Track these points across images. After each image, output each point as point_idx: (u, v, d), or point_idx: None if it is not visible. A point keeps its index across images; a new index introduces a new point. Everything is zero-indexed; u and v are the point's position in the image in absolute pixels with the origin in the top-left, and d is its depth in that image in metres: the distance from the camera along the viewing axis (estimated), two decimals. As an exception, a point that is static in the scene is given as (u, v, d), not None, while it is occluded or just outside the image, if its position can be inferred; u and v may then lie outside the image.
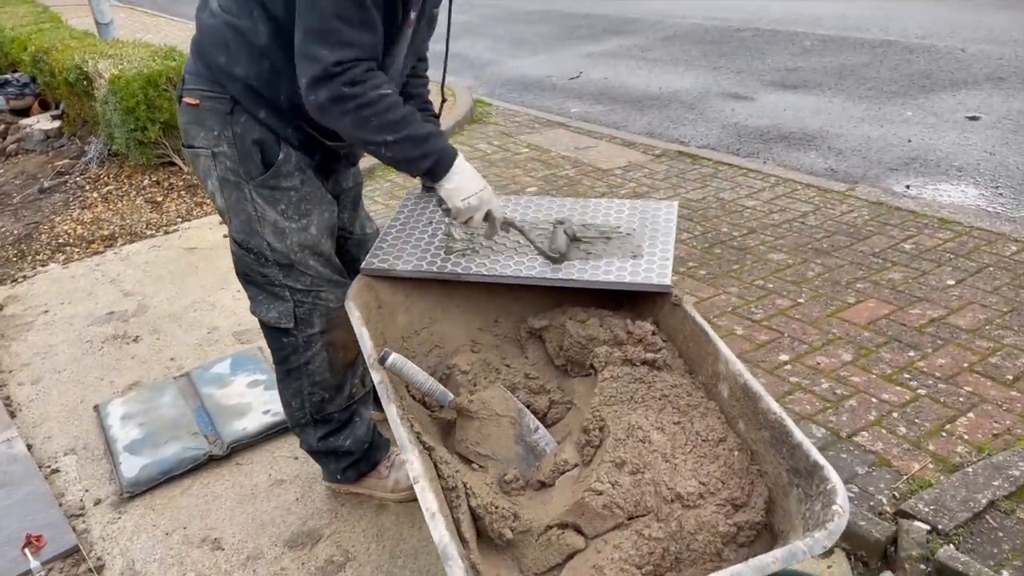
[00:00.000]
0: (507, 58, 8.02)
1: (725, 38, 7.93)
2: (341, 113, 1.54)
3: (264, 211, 1.76)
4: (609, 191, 4.27)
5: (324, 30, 1.48)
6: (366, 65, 1.53)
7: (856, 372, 2.55)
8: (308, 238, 1.81)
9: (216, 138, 1.71)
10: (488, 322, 1.96)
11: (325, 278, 1.86)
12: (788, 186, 4.15)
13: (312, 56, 1.50)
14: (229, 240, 1.87)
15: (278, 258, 1.81)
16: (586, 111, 6.04)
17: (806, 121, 5.33)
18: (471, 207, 1.69)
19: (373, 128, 1.56)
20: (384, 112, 1.55)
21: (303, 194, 1.78)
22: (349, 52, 1.50)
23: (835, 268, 3.23)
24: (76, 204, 4.58)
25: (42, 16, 7.74)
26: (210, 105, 1.70)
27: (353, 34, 1.50)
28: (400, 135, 1.57)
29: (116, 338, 3.23)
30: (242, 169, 1.73)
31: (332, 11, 1.48)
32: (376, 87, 1.54)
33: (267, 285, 1.86)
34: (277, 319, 1.89)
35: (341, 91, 1.51)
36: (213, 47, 1.68)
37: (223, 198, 1.78)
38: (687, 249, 3.51)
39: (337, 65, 1.49)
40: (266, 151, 1.72)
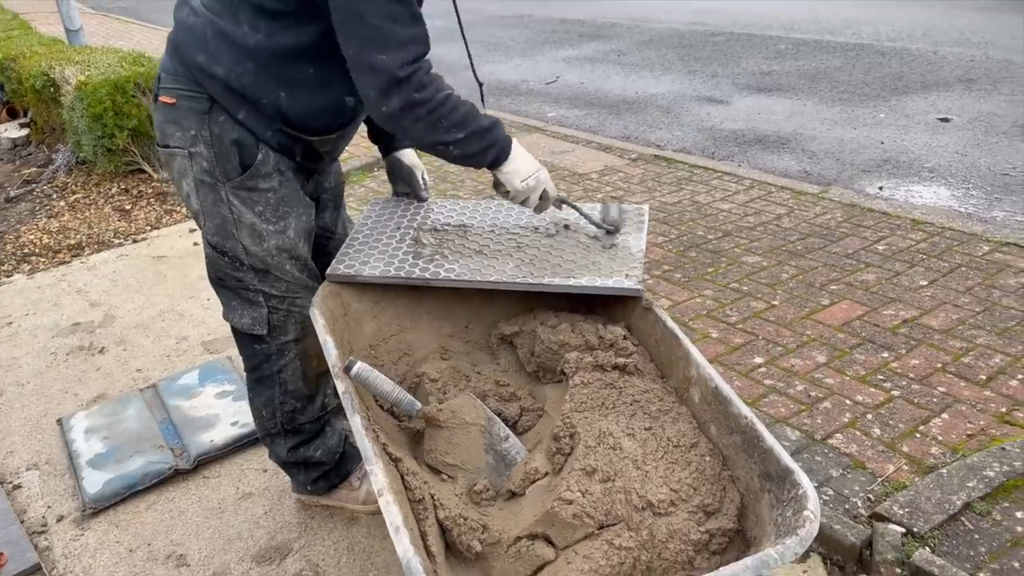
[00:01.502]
0: (483, 63, 7.99)
1: (701, 42, 7.96)
2: (414, 120, 1.53)
3: (241, 213, 1.72)
4: (585, 195, 4.25)
5: (378, 36, 1.46)
6: (427, 64, 1.52)
7: (830, 374, 2.54)
8: (286, 241, 1.77)
9: (192, 138, 1.66)
10: (459, 328, 1.93)
11: (301, 284, 1.82)
12: (763, 188, 4.15)
13: (373, 66, 1.47)
14: (203, 243, 1.82)
15: (254, 262, 1.77)
16: (563, 115, 6.03)
17: (780, 124, 5.35)
18: (529, 187, 1.70)
19: (443, 129, 1.55)
20: (451, 112, 1.54)
21: (281, 196, 1.74)
22: (409, 52, 1.48)
23: (809, 270, 3.23)
24: (43, 213, 4.50)
25: (11, 23, 7.61)
26: (187, 104, 1.65)
27: (407, 31, 1.47)
28: (468, 131, 1.58)
29: (81, 349, 3.16)
30: (219, 170, 1.68)
31: (380, 14, 1.45)
32: (440, 88, 1.53)
33: (241, 290, 1.82)
34: (250, 325, 1.84)
35: (412, 98, 1.49)
36: (192, 45, 1.64)
37: (198, 200, 1.73)
38: (662, 252, 3.50)
39: (402, 68, 1.47)
40: (244, 152, 1.68)
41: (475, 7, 11.45)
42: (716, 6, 9.82)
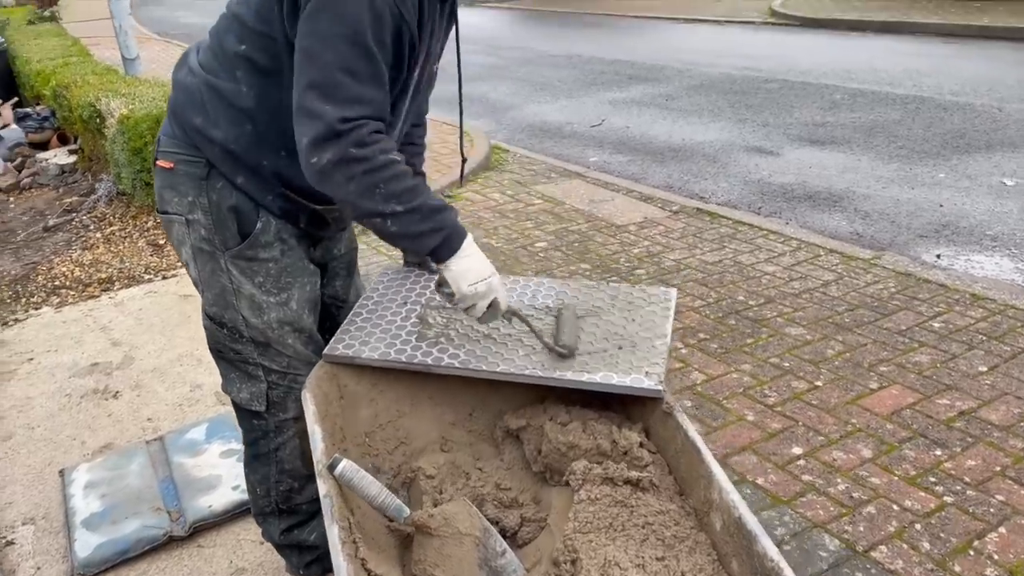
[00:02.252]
0: (529, 103, 7.93)
1: (753, 89, 7.78)
2: (346, 179, 1.37)
3: (240, 284, 1.63)
4: (622, 249, 4.10)
5: (328, 84, 1.33)
6: (374, 125, 1.37)
7: (876, 472, 2.33)
8: (288, 313, 1.67)
9: (190, 204, 1.59)
10: (462, 416, 1.78)
11: (303, 359, 1.71)
12: (810, 251, 3.94)
13: (314, 113, 1.34)
14: (201, 313, 1.72)
15: (254, 335, 1.66)
16: (605, 161, 5.90)
17: (832, 180, 5.13)
18: (478, 294, 1.52)
19: (380, 197, 1.39)
20: (393, 179, 1.38)
21: (283, 266, 1.64)
22: (356, 109, 1.35)
23: (857, 347, 3.01)
24: (78, 244, 4.50)
25: (71, 49, 7.80)
26: (184, 169, 1.58)
27: (360, 89, 1.35)
28: (410, 205, 1.40)
29: (96, 393, 3.10)
30: (217, 238, 1.60)
31: (337, 63, 1.33)
32: (385, 151, 1.38)
33: (240, 363, 1.72)
34: (248, 400, 1.73)
35: (348, 152, 1.34)
36: (189, 108, 1.57)
37: (196, 268, 1.65)
38: (699, 318, 3.31)
39: (343, 122, 1.33)
40: (243, 219, 1.59)
41: (525, 45, 11.46)
42: (770, 52, 9.64)
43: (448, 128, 6.61)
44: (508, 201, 4.95)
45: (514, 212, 4.75)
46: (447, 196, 5.04)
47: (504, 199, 5.00)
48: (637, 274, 3.80)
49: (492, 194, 5.11)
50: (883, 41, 9.88)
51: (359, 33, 1.32)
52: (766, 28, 11.73)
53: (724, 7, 13.79)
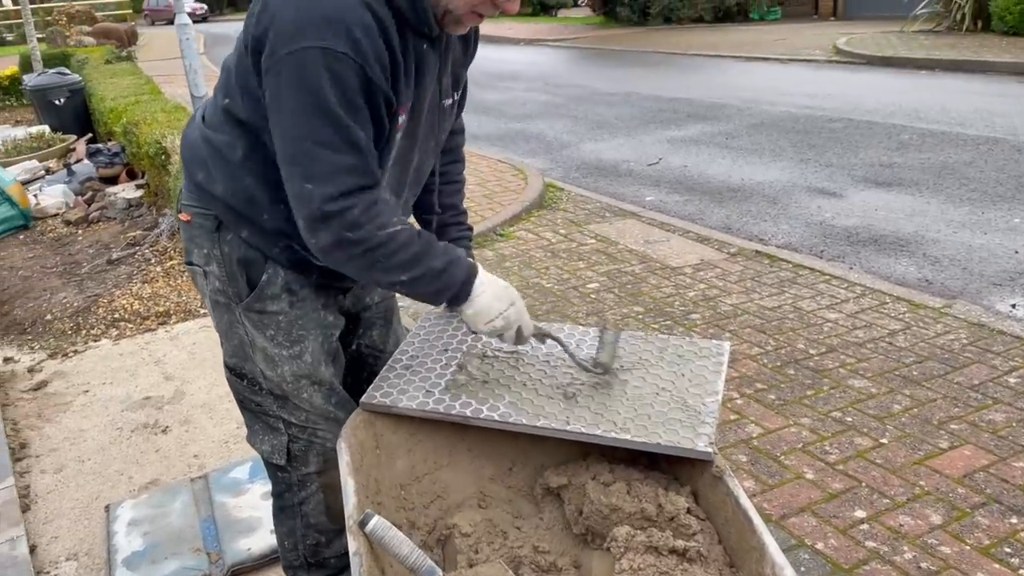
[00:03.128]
0: (585, 140, 7.91)
1: (816, 128, 7.61)
2: (346, 258, 1.38)
3: (254, 336, 1.61)
4: (676, 292, 4.00)
5: (304, 160, 1.30)
6: (365, 200, 1.33)
7: (946, 540, 2.17)
8: (302, 367, 1.63)
9: (206, 256, 1.59)
10: (502, 470, 1.71)
11: (322, 414, 1.67)
12: (876, 298, 3.78)
13: (300, 195, 1.33)
14: (223, 365, 1.71)
15: (271, 387, 1.65)
16: (661, 200, 5.81)
17: (900, 223, 4.94)
18: (496, 329, 1.53)
19: (382, 270, 1.40)
20: (393, 254, 1.38)
21: (292, 318, 1.60)
22: (340, 184, 1.30)
23: (926, 402, 2.84)
24: (139, 278, 4.61)
25: (143, 88, 8.11)
26: (199, 222, 1.59)
27: (338, 159, 1.30)
28: (415, 273, 1.41)
29: (146, 427, 3.12)
30: (231, 290, 1.59)
31: (305, 135, 1.29)
32: (382, 226, 1.35)
33: (262, 415, 1.70)
34: (270, 453, 1.71)
35: (343, 236, 1.33)
36: (194, 163, 1.56)
37: (215, 320, 1.65)
38: (756, 367, 3.18)
39: (329, 202, 1.30)
40: (251, 271, 1.57)
41: (583, 83, 11.49)
42: (834, 90, 9.45)
43: (503, 165, 6.62)
44: (561, 240, 4.90)
45: (566, 252, 4.70)
46: (499, 234, 5.02)
47: (557, 238, 4.95)
48: (692, 319, 3.69)
49: (544, 233, 5.06)
50: (953, 80, 9.60)
51: (322, 103, 1.27)
52: (830, 66, 11.53)
53: (786, 45, 13.63)
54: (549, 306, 3.94)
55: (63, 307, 4.32)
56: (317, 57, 1.25)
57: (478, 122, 9.12)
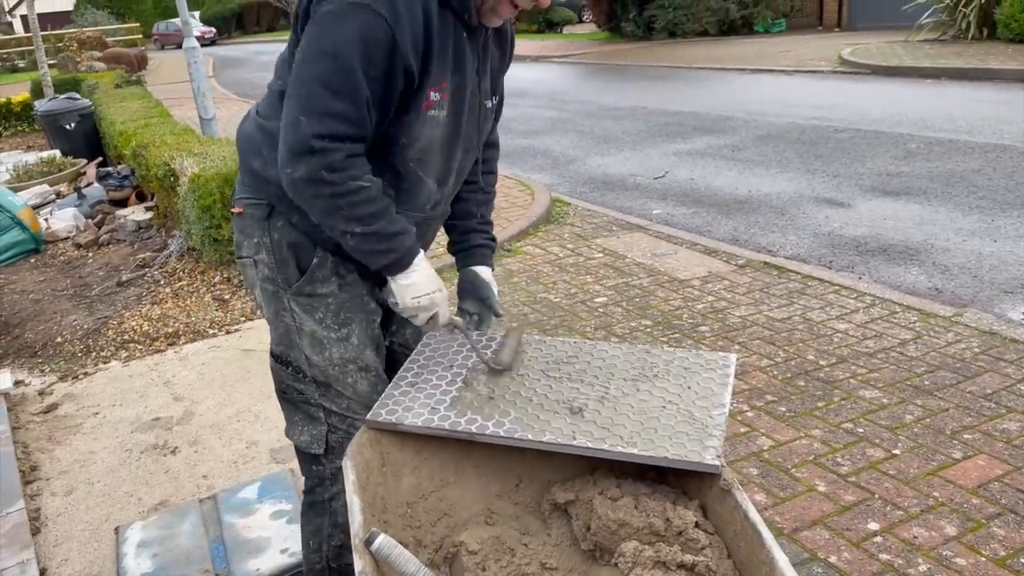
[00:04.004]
0: (592, 155, 7.92)
1: (823, 138, 7.60)
2: (314, 195, 1.47)
3: (302, 321, 1.68)
4: (685, 305, 3.98)
5: (305, 95, 1.41)
6: (348, 149, 1.44)
7: (962, 551, 2.13)
8: (349, 349, 1.70)
9: (256, 245, 1.68)
10: (509, 487, 1.70)
11: (363, 402, 1.72)
12: (886, 307, 3.75)
13: (291, 123, 1.42)
14: (268, 354, 1.78)
15: (315, 374, 1.71)
16: (669, 213, 5.80)
17: (908, 232, 4.91)
18: (420, 306, 1.63)
19: (342, 217, 1.50)
20: (358, 205, 1.48)
21: (341, 300, 1.68)
22: (331, 126, 1.41)
23: (938, 412, 2.81)
24: (148, 299, 4.63)
25: (153, 111, 8.17)
26: (251, 212, 1.68)
27: (336, 104, 1.40)
28: (369, 229, 1.51)
29: (155, 448, 3.12)
30: (280, 276, 1.67)
31: (315, 75, 1.41)
32: (355, 177, 1.46)
33: (303, 403, 1.76)
34: (308, 443, 1.76)
35: (319, 174, 1.43)
36: (249, 152, 1.68)
37: (265, 309, 1.73)
38: (766, 379, 3.16)
39: (317, 139, 1.40)
40: (301, 256, 1.66)
41: (589, 99, 11.53)
42: (840, 100, 9.44)
43: (510, 181, 6.63)
44: (568, 255, 4.90)
45: (574, 266, 4.69)
46: (506, 250, 5.02)
47: (564, 252, 4.95)
48: (700, 331, 3.67)
49: (552, 248, 5.06)
50: (959, 88, 9.58)
51: (341, 51, 1.38)
52: (835, 77, 11.53)
53: (791, 57, 13.64)
54: (557, 320, 3.94)
55: (73, 330, 4.35)
56: (355, 11, 1.38)
57: (484, 139, 9.15)
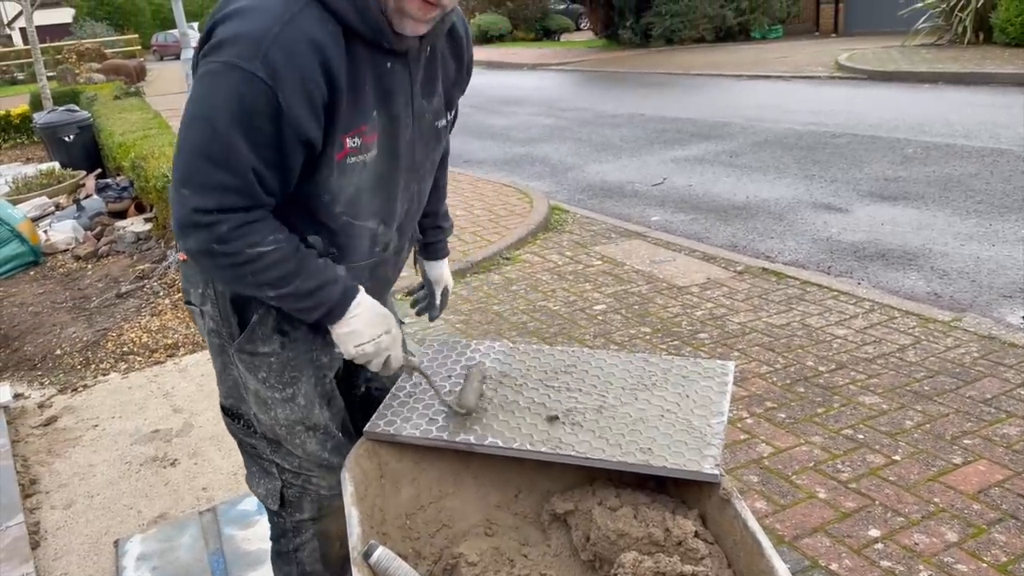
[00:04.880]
0: (590, 162, 7.94)
1: (820, 144, 7.62)
2: (213, 266, 1.38)
3: (246, 379, 1.58)
4: (683, 312, 3.98)
5: (185, 165, 1.30)
6: (238, 219, 1.30)
7: (963, 558, 2.13)
8: (295, 410, 1.59)
9: (202, 296, 1.56)
10: (508, 497, 1.70)
11: (316, 461, 1.63)
12: (885, 312, 3.75)
13: (175, 196, 1.32)
14: (219, 406, 1.71)
15: (264, 431, 1.62)
16: (667, 220, 5.81)
17: (907, 237, 4.92)
18: (366, 353, 1.49)
19: (252, 284, 1.39)
20: (262, 271, 1.36)
21: (284, 360, 1.56)
22: (212, 197, 1.28)
23: (938, 417, 2.81)
24: (147, 310, 4.63)
25: (152, 123, 8.20)
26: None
27: (216, 175, 1.27)
28: (283, 291, 1.39)
29: (155, 460, 3.12)
30: (224, 330, 1.56)
31: (193, 143, 1.28)
32: (253, 244, 1.33)
33: (257, 457, 1.68)
34: (264, 496, 1.70)
35: (211, 247, 1.32)
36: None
37: (214, 360, 1.63)
38: (765, 385, 3.16)
39: (199, 213, 1.29)
40: (243, 311, 1.53)
41: (587, 106, 11.56)
42: (837, 106, 9.46)
43: (508, 189, 6.65)
44: (567, 263, 4.90)
45: (573, 274, 4.69)
46: (505, 258, 5.02)
47: (563, 260, 4.95)
48: (700, 338, 3.67)
49: (551, 256, 5.07)
50: (956, 93, 9.60)
51: (217, 117, 1.25)
52: (832, 82, 11.56)
53: (788, 63, 13.69)
54: (556, 328, 3.94)
55: (72, 342, 4.34)
56: (231, 73, 1.23)
57: (483, 147, 9.17)
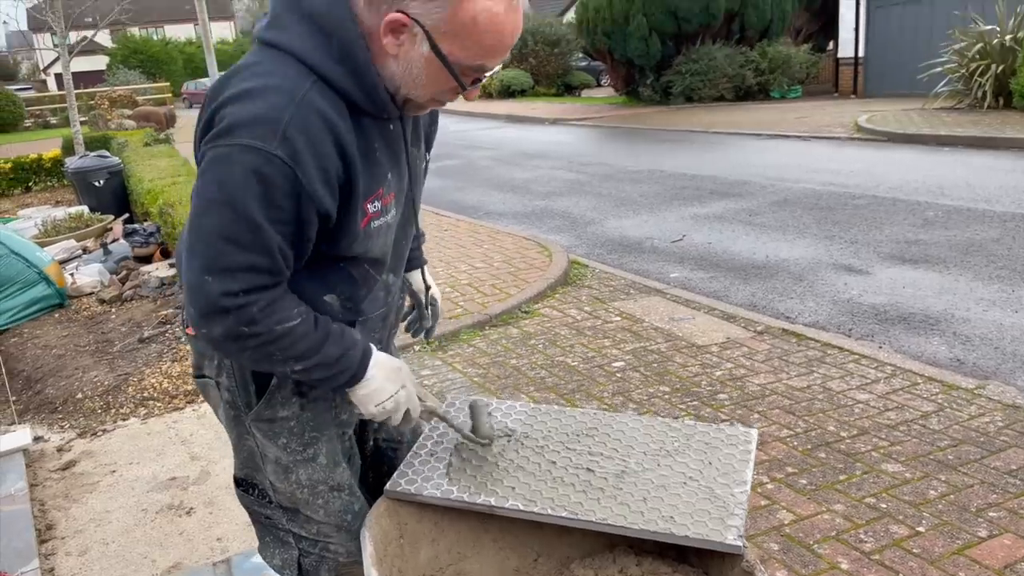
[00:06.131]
0: (609, 217, 7.99)
1: (839, 204, 7.64)
2: (239, 350, 1.36)
3: (265, 447, 1.58)
4: (703, 372, 3.97)
5: (207, 252, 1.27)
6: (266, 297, 1.31)
7: (992, 637, 2.08)
8: (317, 470, 1.59)
9: (217, 367, 1.56)
10: (527, 561, 1.69)
11: (336, 524, 1.63)
12: (907, 378, 3.72)
13: (196, 284, 1.28)
14: (232, 479, 1.71)
15: (282, 500, 1.62)
16: (686, 277, 5.82)
17: (928, 301, 4.89)
18: (385, 410, 1.51)
19: (278, 360, 1.38)
20: (291, 346, 1.36)
21: (305, 420, 1.56)
22: (240, 279, 1.27)
23: (962, 488, 2.76)
24: (168, 356, 4.67)
25: (180, 169, 8.38)
26: None
27: (243, 257, 1.26)
28: (310, 363, 1.39)
29: (171, 508, 3.12)
30: (241, 400, 1.55)
31: (214, 228, 1.25)
32: (280, 321, 1.33)
33: (272, 528, 1.68)
34: (280, 567, 1.69)
35: (239, 330, 1.31)
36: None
37: (228, 432, 1.64)
38: (786, 449, 3.13)
39: (227, 297, 1.27)
40: (261, 377, 1.53)
41: (607, 161, 11.69)
42: (857, 167, 9.51)
43: (528, 242, 6.70)
44: (586, 318, 4.91)
45: (591, 329, 4.70)
46: (523, 312, 5.04)
47: (582, 315, 4.96)
48: (719, 399, 3.65)
49: (569, 310, 5.08)
50: (977, 157, 9.63)
51: (237, 199, 1.23)
52: (852, 143, 11.63)
53: (808, 123, 13.81)
54: (574, 385, 3.93)
55: (94, 386, 4.38)
56: (247, 154, 1.23)
57: (504, 199, 9.27)
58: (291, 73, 1.27)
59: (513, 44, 1.31)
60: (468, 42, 1.25)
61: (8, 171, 12.51)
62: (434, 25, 1.24)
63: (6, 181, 12.50)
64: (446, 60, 1.27)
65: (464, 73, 1.30)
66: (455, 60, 1.27)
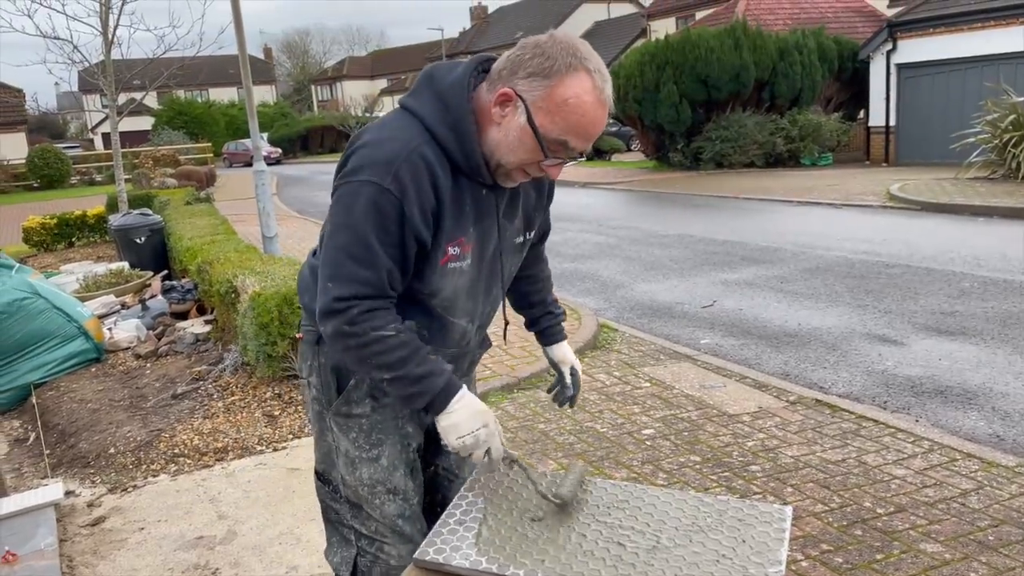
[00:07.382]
0: (639, 281, 8.01)
1: (873, 273, 7.58)
2: (344, 348, 1.64)
3: (339, 440, 1.81)
4: (735, 441, 3.91)
5: (333, 263, 1.59)
6: (367, 305, 1.58)
7: None
8: (378, 471, 1.80)
9: (309, 368, 1.84)
10: (556, 637, 1.65)
11: (391, 526, 1.81)
12: (945, 454, 3.63)
13: (322, 287, 1.61)
14: (313, 472, 1.93)
15: (348, 494, 1.82)
16: (717, 344, 5.79)
17: (965, 374, 4.80)
18: (466, 446, 1.67)
19: (372, 365, 1.63)
20: (382, 353, 1.60)
21: (374, 422, 1.79)
22: (350, 288, 1.57)
23: (1004, 571, 2.67)
24: (200, 413, 4.72)
25: (219, 228, 8.57)
26: (306, 338, 1.86)
27: (356, 270, 1.57)
28: (397, 374, 1.62)
29: (196, 568, 3.11)
30: (324, 397, 1.82)
31: (339, 246, 1.59)
32: (376, 328, 1.59)
33: (339, 524, 1.88)
34: (338, 564, 1.88)
35: (342, 328, 1.59)
36: (303, 289, 1.88)
37: (313, 427, 1.88)
38: (821, 525, 3.06)
39: (338, 301, 1.58)
40: (341, 377, 1.79)
41: (636, 225, 11.75)
42: (890, 235, 9.46)
43: (558, 307, 6.71)
44: (615, 383, 4.89)
45: (621, 395, 4.67)
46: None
47: (611, 380, 4.94)
48: (751, 470, 3.59)
49: (598, 375, 5.06)
50: (1012, 227, 9.53)
51: (358, 223, 1.55)
52: (884, 212, 11.60)
53: (839, 190, 13.81)
54: (603, 452, 3.89)
55: (127, 441, 4.43)
56: (366, 188, 1.55)
57: (534, 263, 9.33)
58: (412, 130, 1.59)
59: (596, 135, 1.58)
60: (557, 118, 1.52)
61: (53, 226, 12.88)
62: (533, 100, 1.52)
63: (51, 236, 12.87)
64: (536, 130, 1.53)
65: (550, 146, 1.56)
66: (544, 132, 1.54)
